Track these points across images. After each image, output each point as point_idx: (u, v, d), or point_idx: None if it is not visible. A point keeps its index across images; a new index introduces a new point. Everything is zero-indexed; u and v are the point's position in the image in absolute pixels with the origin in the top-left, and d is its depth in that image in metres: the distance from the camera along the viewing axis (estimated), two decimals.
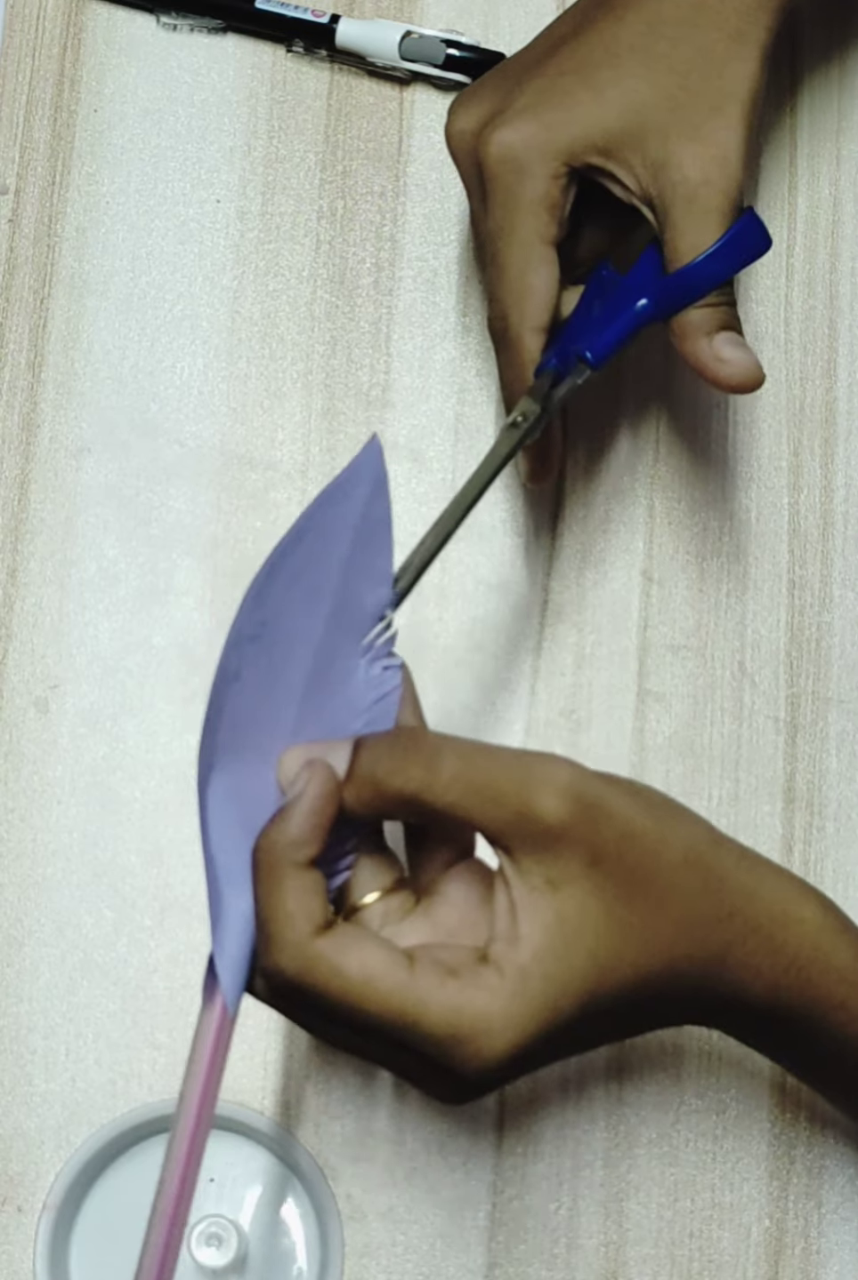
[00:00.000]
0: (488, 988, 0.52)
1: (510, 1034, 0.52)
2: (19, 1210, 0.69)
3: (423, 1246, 0.69)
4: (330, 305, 0.76)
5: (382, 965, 0.52)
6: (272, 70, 0.78)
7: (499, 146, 0.65)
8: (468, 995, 0.52)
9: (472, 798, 0.53)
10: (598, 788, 0.54)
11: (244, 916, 0.54)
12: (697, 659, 0.73)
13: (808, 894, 0.58)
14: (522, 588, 0.74)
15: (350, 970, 0.51)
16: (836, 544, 0.75)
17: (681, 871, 0.55)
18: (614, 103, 0.64)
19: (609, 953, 0.53)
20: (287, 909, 0.52)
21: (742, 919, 0.55)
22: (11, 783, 0.72)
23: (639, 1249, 0.69)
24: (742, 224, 0.64)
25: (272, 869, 0.53)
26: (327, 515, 0.56)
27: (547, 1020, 0.52)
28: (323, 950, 0.52)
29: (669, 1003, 0.56)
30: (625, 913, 0.53)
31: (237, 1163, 0.69)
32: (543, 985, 0.52)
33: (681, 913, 0.54)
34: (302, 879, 0.52)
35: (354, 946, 0.52)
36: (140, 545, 0.74)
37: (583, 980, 0.53)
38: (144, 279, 0.76)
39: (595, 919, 0.53)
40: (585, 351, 0.64)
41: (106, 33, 0.78)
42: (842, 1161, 0.70)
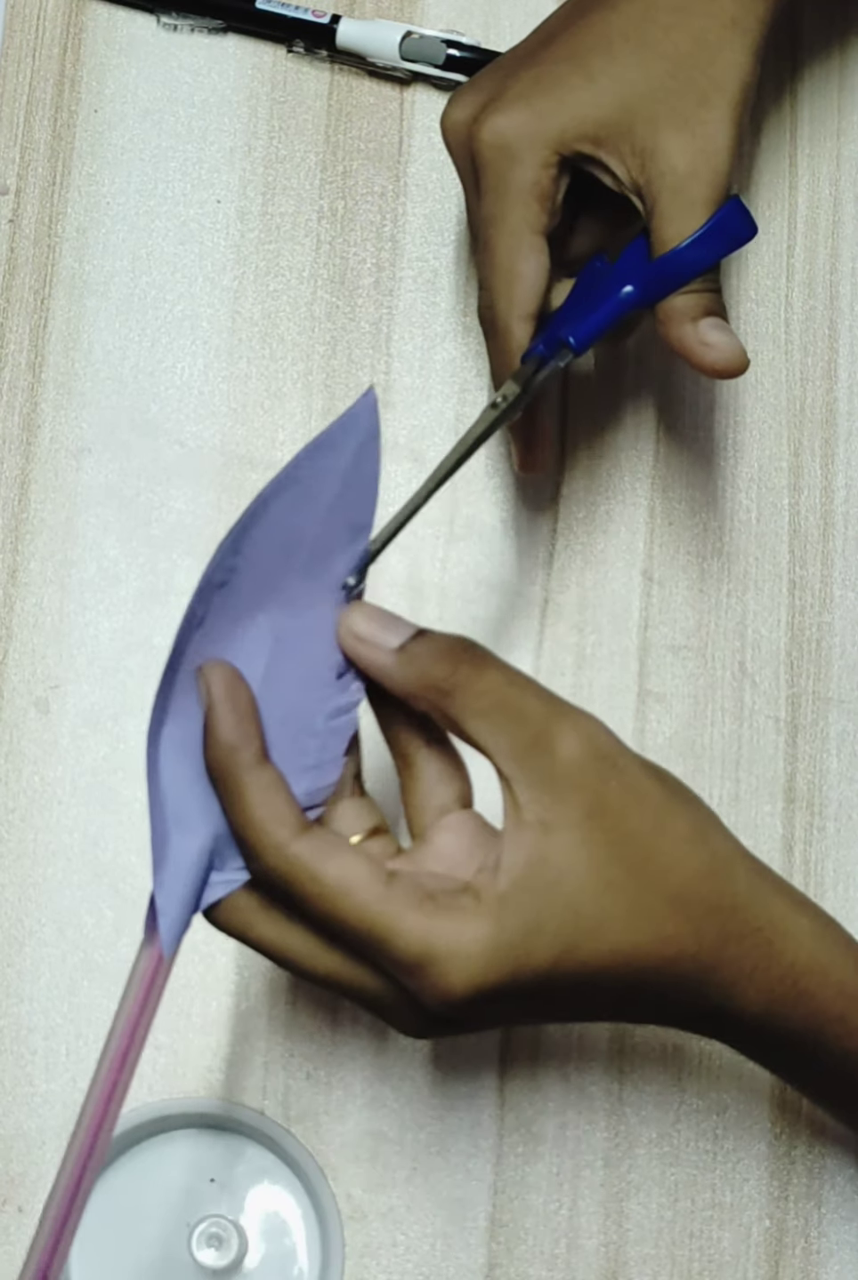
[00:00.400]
0: (462, 910, 0.52)
1: (479, 963, 0.52)
2: (19, 1210, 0.69)
3: (423, 1246, 0.69)
4: (331, 305, 0.76)
5: (360, 875, 0.52)
6: (272, 70, 0.78)
7: (491, 133, 0.65)
8: (441, 918, 0.52)
9: (498, 713, 0.54)
10: (616, 745, 0.55)
11: (189, 855, 0.54)
12: (697, 659, 0.74)
13: (808, 905, 0.58)
14: (522, 588, 0.74)
15: (328, 876, 0.52)
16: (836, 544, 0.75)
17: (684, 848, 0.54)
18: (606, 90, 0.64)
19: (592, 911, 0.53)
20: (257, 815, 0.53)
21: (741, 917, 0.55)
22: (12, 783, 0.72)
23: (640, 1249, 0.69)
24: (725, 211, 0.64)
25: (226, 781, 0.53)
26: (316, 464, 0.56)
27: (518, 960, 0.52)
28: (301, 853, 0.52)
29: (656, 993, 0.55)
30: (617, 876, 0.53)
31: (237, 1163, 0.69)
32: (518, 918, 0.52)
33: (678, 891, 0.54)
34: (259, 779, 0.53)
35: (334, 853, 0.52)
36: (141, 545, 0.74)
37: (559, 928, 0.52)
38: (144, 279, 0.76)
39: (580, 871, 0.53)
40: (568, 336, 0.64)
41: (107, 33, 0.78)
42: (842, 1161, 0.70)
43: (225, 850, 0.55)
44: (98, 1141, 0.54)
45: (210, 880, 0.55)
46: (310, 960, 0.54)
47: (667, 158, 0.63)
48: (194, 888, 0.54)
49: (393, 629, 0.56)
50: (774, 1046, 0.58)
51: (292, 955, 0.54)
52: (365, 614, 0.56)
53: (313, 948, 0.54)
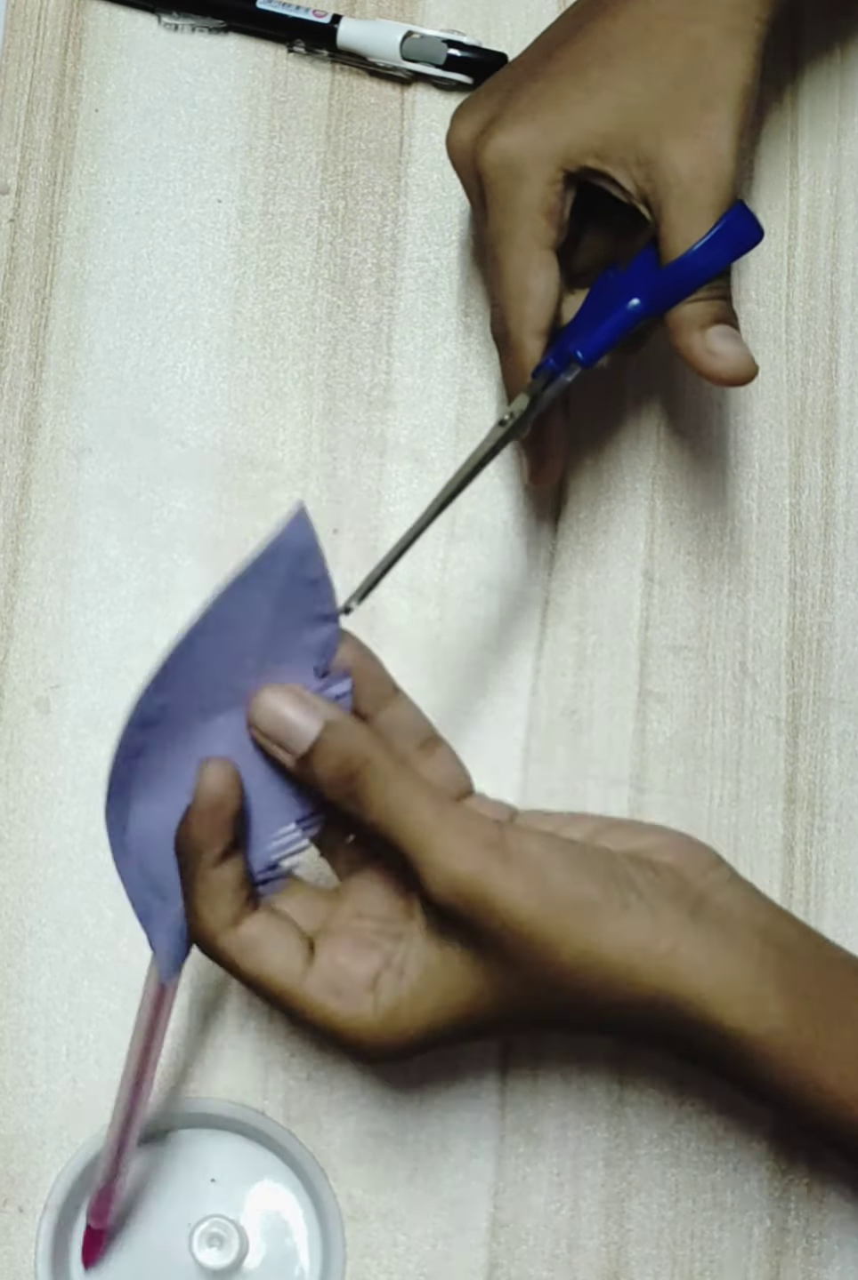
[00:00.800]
0: (362, 1018, 0.57)
1: (379, 1052, 0.57)
2: (20, 1211, 0.69)
3: (424, 1247, 0.69)
4: (332, 305, 0.76)
5: (276, 968, 0.57)
6: (273, 70, 0.78)
7: (495, 153, 0.65)
8: (343, 1018, 0.57)
9: (393, 819, 0.56)
10: (485, 881, 0.55)
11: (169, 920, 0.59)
12: (698, 659, 0.74)
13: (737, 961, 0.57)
14: (523, 588, 0.74)
15: (247, 968, 0.57)
16: (837, 544, 0.75)
17: (571, 977, 0.56)
18: (607, 103, 0.64)
19: (487, 998, 0.56)
20: (200, 908, 0.57)
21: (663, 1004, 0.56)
22: (12, 783, 0.72)
23: (641, 1249, 0.69)
24: (731, 216, 0.64)
25: (185, 868, 0.57)
26: (240, 600, 0.55)
27: (419, 1036, 0.57)
28: (227, 947, 0.57)
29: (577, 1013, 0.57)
30: (507, 981, 0.56)
31: (238, 1163, 0.69)
32: (412, 1019, 0.57)
33: (571, 1000, 0.56)
34: (211, 879, 0.57)
35: (252, 949, 0.57)
36: (142, 545, 0.74)
37: (455, 1008, 0.57)
38: (145, 279, 0.76)
39: (475, 982, 0.56)
40: (577, 350, 0.64)
41: (107, 32, 0.78)
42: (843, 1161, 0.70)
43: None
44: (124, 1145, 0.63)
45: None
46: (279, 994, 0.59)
47: (671, 166, 0.63)
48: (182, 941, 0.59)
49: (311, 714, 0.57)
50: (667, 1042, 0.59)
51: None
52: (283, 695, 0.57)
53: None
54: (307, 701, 0.56)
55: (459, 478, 0.63)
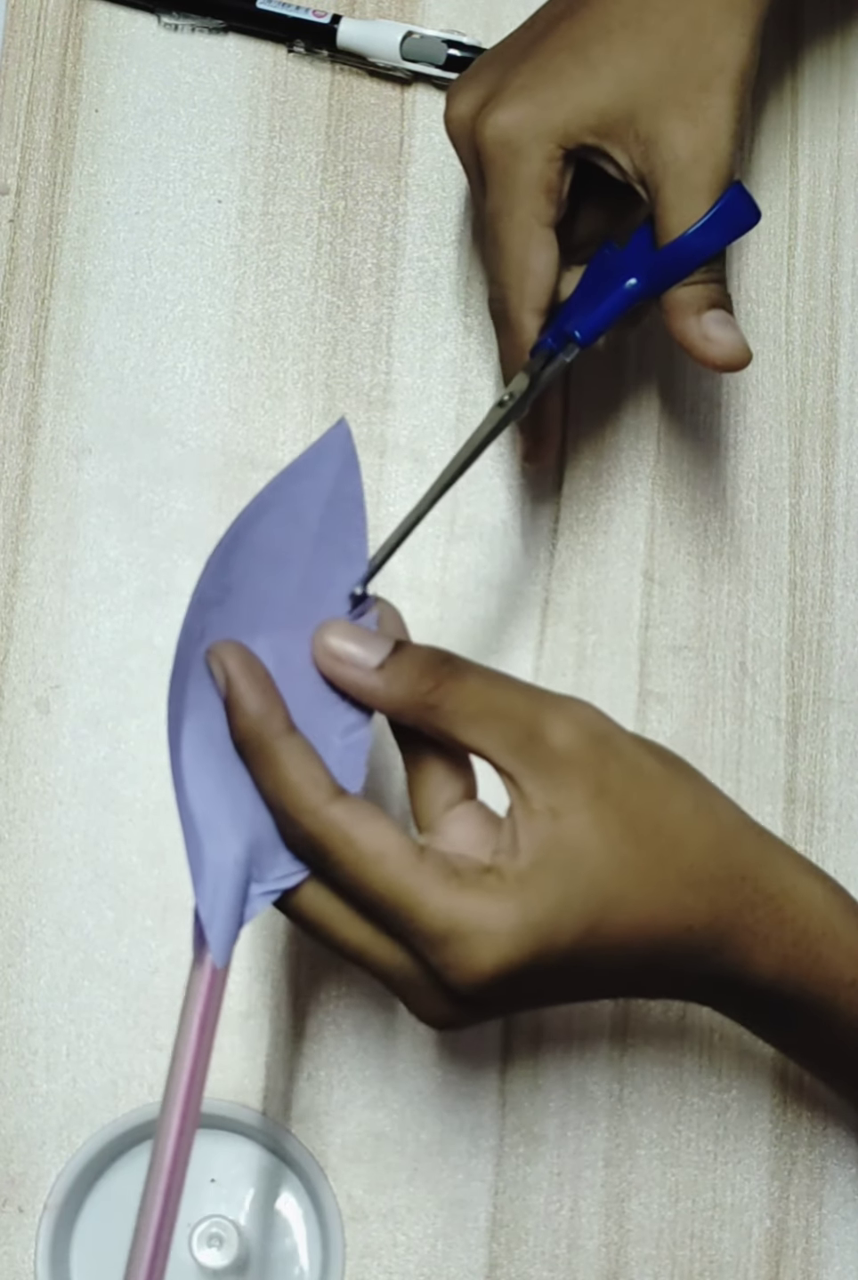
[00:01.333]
0: (488, 888, 0.52)
1: (505, 940, 0.52)
2: (20, 1211, 0.69)
3: (424, 1247, 0.69)
4: (331, 305, 0.76)
5: (392, 844, 0.53)
6: (273, 70, 0.78)
7: (495, 129, 0.65)
8: (469, 894, 0.52)
9: (487, 715, 0.54)
10: (610, 726, 0.55)
11: (227, 867, 0.54)
12: (698, 659, 0.74)
13: (815, 871, 0.58)
14: (523, 588, 0.74)
15: (363, 841, 0.52)
16: (837, 545, 0.75)
17: (690, 822, 0.55)
18: (607, 80, 0.64)
19: (611, 889, 0.53)
20: (291, 780, 0.53)
21: (752, 884, 0.56)
22: (13, 783, 0.72)
23: (640, 1249, 0.69)
24: (728, 197, 0.64)
25: (258, 750, 0.54)
26: (295, 489, 0.56)
27: (543, 938, 0.52)
28: (338, 816, 0.53)
29: (673, 964, 0.55)
30: (631, 853, 0.54)
31: (238, 1163, 0.69)
32: (542, 898, 0.52)
33: (690, 864, 0.55)
34: (291, 745, 0.54)
35: (369, 819, 0.53)
36: (142, 545, 0.74)
37: (584, 905, 0.53)
38: (145, 279, 0.76)
39: (597, 852, 0.53)
40: (575, 330, 0.64)
41: (107, 33, 0.78)
42: (843, 1161, 0.70)
43: (263, 860, 0.55)
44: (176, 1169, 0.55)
45: (250, 894, 0.55)
46: (342, 929, 0.55)
47: (670, 145, 0.63)
48: (236, 897, 0.54)
49: (370, 646, 0.56)
50: (785, 1015, 0.58)
51: (325, 922, 0.55)
52: (340, 632, 0.56)
53: (343, 916, 0.54)
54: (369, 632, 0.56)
55: (460, 459, 0.62)
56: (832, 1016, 0.58)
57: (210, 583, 0.55)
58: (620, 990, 0.59)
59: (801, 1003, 0.57)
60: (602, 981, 0.56)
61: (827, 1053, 0.61)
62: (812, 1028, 0.59)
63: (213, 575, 0.55)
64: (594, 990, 0.58)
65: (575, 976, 0.54)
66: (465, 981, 0.53)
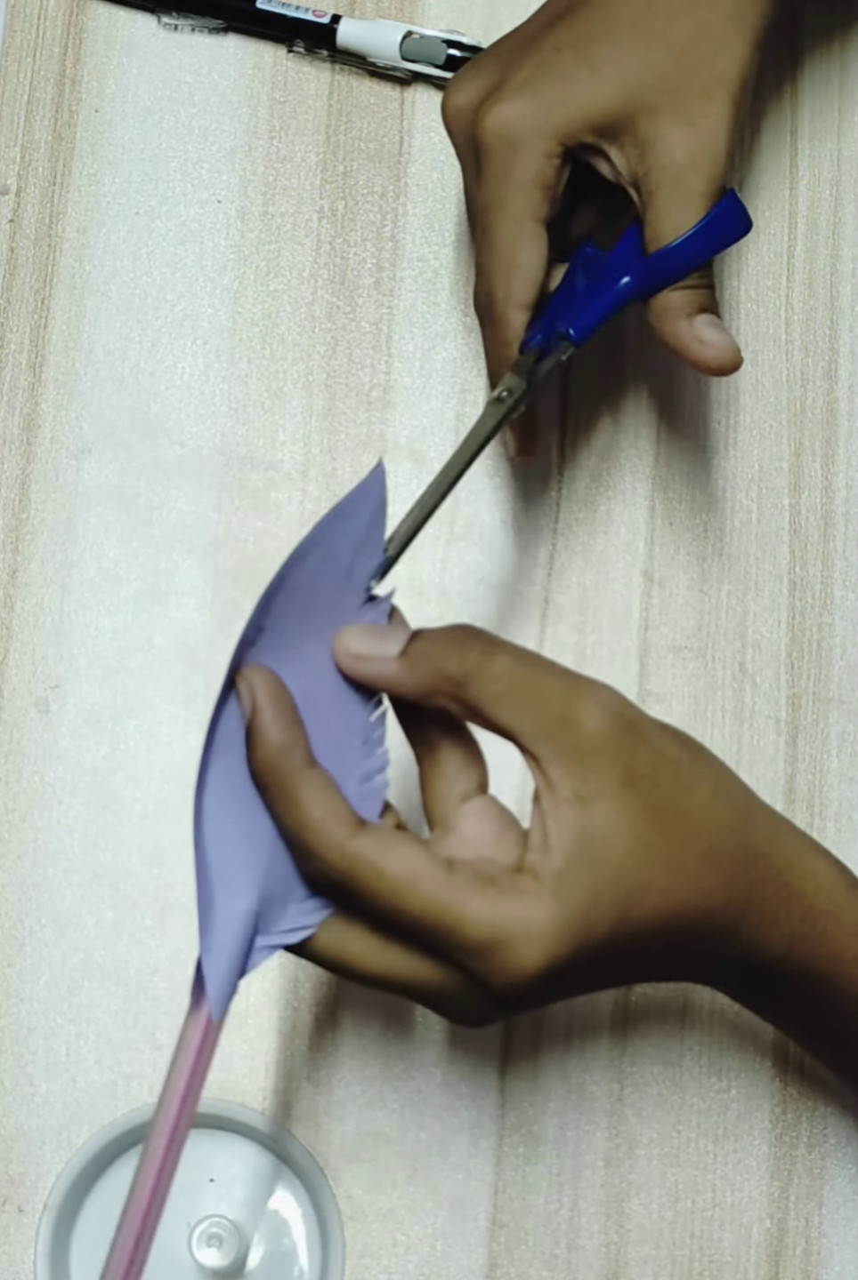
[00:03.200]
0: (527, 892, 0.52)
1: (549, 940, 0.52)
2: (20, 1210, 0.69)
3: (424, 1247, 0.69)
4: (331, 305, 0.76)
5: (423, 866, 0.52)
6: (272, 70, 0.78)
7: (495, 122, 0.65)
8: (507, 900, 0.52)
9: (517, 695, 0.54)
10: (637, 712, 0.56)
11: (235, 919, 0.54)
12: (698, 660, 0.73)
13: (820, 849, 0.59)
14: (522, 588, 0.74)
15: (392, 870, 0.52)
16: (836, 545, 0.75)
17: (711, 805, 0.55)
18: (610, 80, 0.64)
19: (638, 877, 0.53)
20: (313, 815, 0.52)
21: (765, 863, 0.56)
22: (12, 783, 0.72)
23: (640, 1249, 0.69)
24: (723, 206, 0.64)
25: (279, 783, 0.53)
26: (333, 530, 0.56)
27: (581, 933, 0.52)
28: (363, 849, 0.52)
29: (696, 946, 0.56)
30: (656, 840, 0.54)
31: (237, 1163, 0.69)
32: (578, 893, 0.52)
33: (710, 846, 0.55)
34: (312, 780, 0.53)
35: (394, 846, 0.52)
36: (141, 545, 0.74)
37: (614, 896, 0.53)
38: (145, 279, 0.76)
39: (624, 839, 0.53)
40: (568, 328, 0.64)
41: (107, 33, 0.78)
42: (843, 1162, 0.70)
43: (269, 913, 0.54)
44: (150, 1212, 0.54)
45: (255, 944, 0.54)
46: (367, 962, 0.54)
47: (667, 150, 0.63)
48: (240, 951, 0.54)
49: (389, 637, 0.56)
50: (790, 993, 0.58)
51: (348, 959, 0.54)
52: (358, 632, 0.56)
53: (370, 947, 0.54)
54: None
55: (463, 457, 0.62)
56: (834, 993, 0.58)
57: (250, 624, 0.54)
58: (644, 976, 0.59)
59: (804, 979, 0.57)
60: (630, 968, 0.57)
61: (828, 1030, 0.61)
62: (814, 1005, 0.59)
63: (253, 617, 0.54)
64: (622, 977, 0.58)
65: (608, 965, 0.55)
66: (512, 984, 0.53)
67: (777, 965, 0.57)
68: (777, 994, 0.59)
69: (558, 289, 0.67)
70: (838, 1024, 0.60)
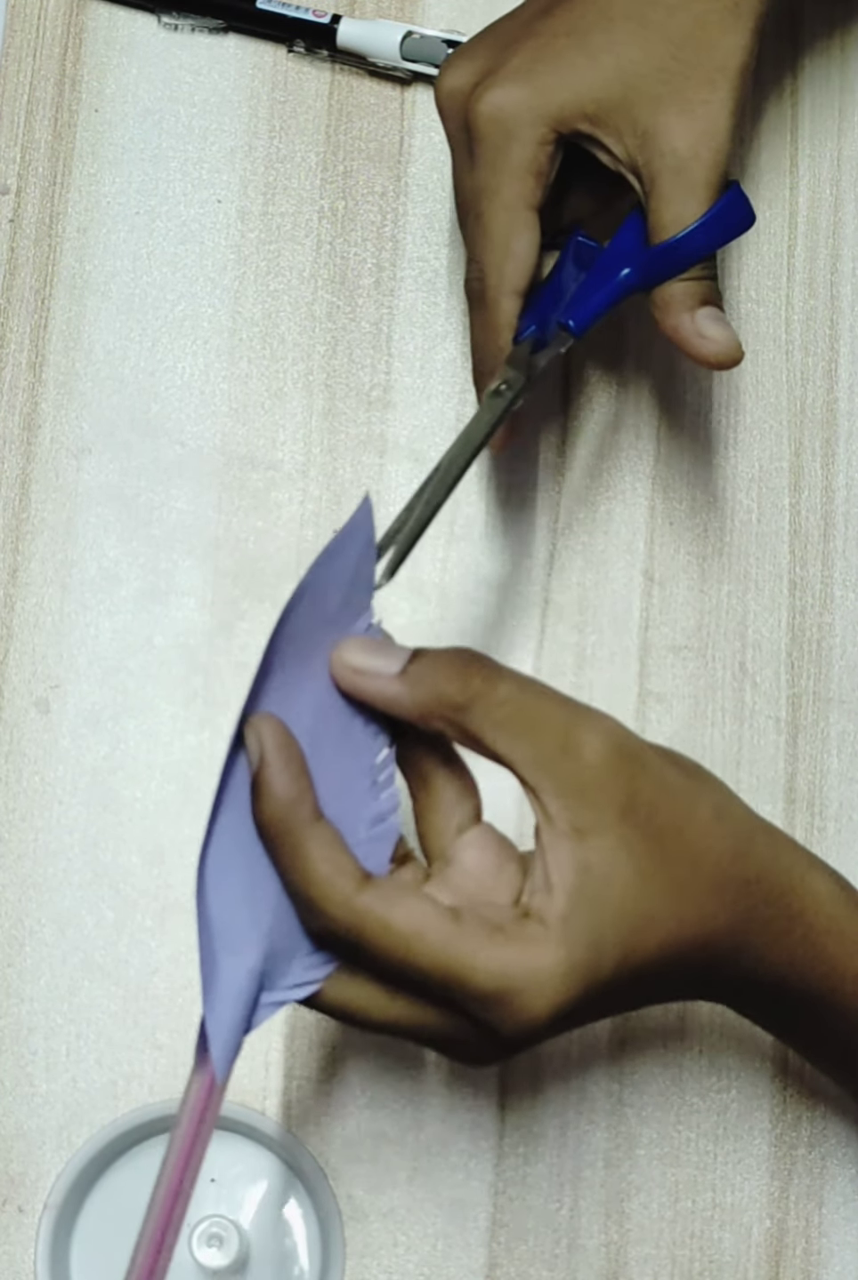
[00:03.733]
0: (534, 939, 0.52)
1: (558, 985, 0.52)
2: (20, 1210, 0.69)
3: (424, 1247, 0.69)
4: (331, 305, 0.76)
5: (430, 919, 0.51)
6: (273, 70, 0.78)
7: (489, 107, 0.64)
8: (515, 949, 0.51)
9: (518, 724, 0.53)
10: (636, 741, 0.55)
11: (239, 979, 0.53)
12: (698, 659, 0.73)
13: (821, 866, 0.58)
14: (522, 588, 0.74)
15: (399, 924, 0.51)
16: (837, 544, 0.75)
17: (712, 830, 0.55)
18: (607, 69, 0.64)
19: (640, 911, 0.53)
20: (319, 871, 0.52)
21: (766, 885, 0.56)
22: (12, 783, 0.72)
23: (640, 1249, 0.69)
24: (728, 198, 0.64)
25: (285, 838, 0.52)
26: (324, 572, 0.54)
27: (589, 975, 0.52)
28: (370, 904, 0.51)
29: (698, 971, 0.55)
30: (657, 871, 0.53)
31: (238, 1163, 0.69)
32: (583, 935, 0.52)
33: (712, 873, 0.54)
34: (318, 834, 0.52)
35: (400, 900, 0.52)
36: (141, 545, 0.74)
37: (617, 933, 0.52)
38: (145, 279, 0.76)
39: (624, 873, 0.53)
40: (568, 320, 0.64)
41: (107, 33, 0.78)
42: (843, 1162, 0.70)
43: (274, 970, 0.54)
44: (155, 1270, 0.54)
45: (260, 1001, 0.54)
46: (370, 1012, 0.54)
47: (668, 139, 0.63)
48: (244, 1011, 0.53)
49: (389, 655, 0.55)
50: (792, 1010, 0.58)
51: (354, 1010, 0.54)
52: (357, 645, 0.55)
53: (375, 997, 0.53)
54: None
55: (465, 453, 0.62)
56: (835, 1010, 0.58)
57: (258, 673, 0.53)
58: (648, 1001, 0.58)
59: (806, 997, 0.57)
60: (633, 998, 0.56)
61: (829, 1046, 0.61)
62: (815, 1021, 0.59)
63: (260, 665, 0.53)
64: (625, 1006, 0.58)
65: (612, 998, 0.54)
66: (520, 1031, 0.52)
67: (779, 985, 0.57)
68: (780, 1011, 0.59)
69: (548, 278, 0.67)
70: (841, 1040, 0.60)
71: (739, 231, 0.65)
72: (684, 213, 0.63)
